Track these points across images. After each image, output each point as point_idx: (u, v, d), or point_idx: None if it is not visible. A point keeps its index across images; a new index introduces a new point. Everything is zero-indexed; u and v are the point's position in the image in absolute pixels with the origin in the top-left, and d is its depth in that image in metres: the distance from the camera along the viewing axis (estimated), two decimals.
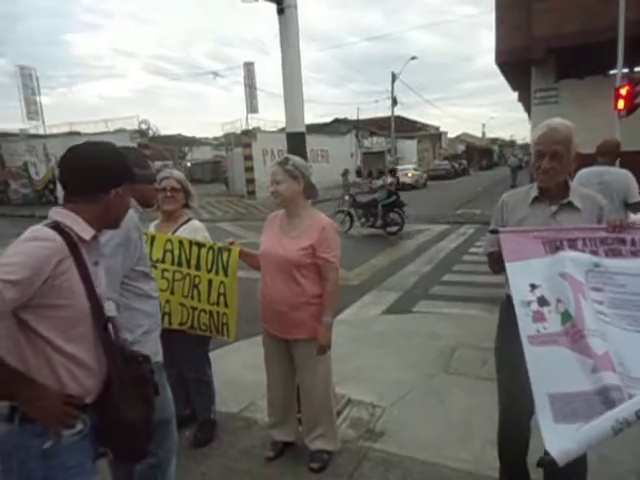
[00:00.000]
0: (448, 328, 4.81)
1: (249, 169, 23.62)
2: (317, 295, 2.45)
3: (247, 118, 26.19)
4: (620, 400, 1.43)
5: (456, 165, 42.95)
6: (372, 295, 6.48)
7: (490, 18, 14.85)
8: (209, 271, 2.74)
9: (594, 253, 1.79)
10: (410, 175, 29.23)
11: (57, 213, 1.42)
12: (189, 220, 2.90)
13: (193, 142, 43.46)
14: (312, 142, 29.56)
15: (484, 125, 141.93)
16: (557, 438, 1.46)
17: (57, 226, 1.37)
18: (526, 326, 1.72)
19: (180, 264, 2.73)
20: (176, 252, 2.73)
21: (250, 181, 23.57)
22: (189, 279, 2.76)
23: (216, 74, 26.39)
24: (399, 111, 43.51)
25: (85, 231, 1.40)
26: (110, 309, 1.63)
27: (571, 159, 1.99)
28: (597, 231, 1.85)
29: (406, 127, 46.79)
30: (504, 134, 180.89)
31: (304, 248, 2.40)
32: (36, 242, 1.29)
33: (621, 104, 10.95)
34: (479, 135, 77.60)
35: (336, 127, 37.30)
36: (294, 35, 2.79)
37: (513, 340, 1.76)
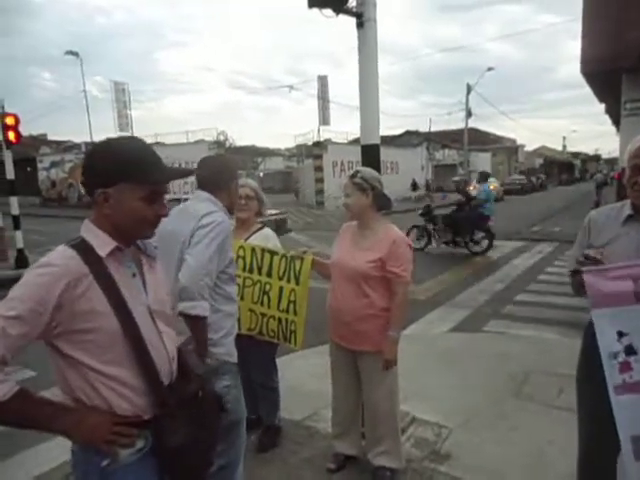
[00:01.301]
0: (520, 351, 4.57)
1: (319, 180, 23.97)
2: (385, 308, 2.43)
3: (319, 130, 26.68)
4: None
5: (533, 179, 41.01)
6: (440, 311, 6.31)
7: (571, 27, 14.11)
8: (281, 278, 2.80)
9: None
10: (492, 187, 28.58)
11: (84, 226, 1.31)
12: (262, 228, 2.99)
13: (266, 153, 44.99)
14: (382, 154, 29.40)
15: (564, 138, 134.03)
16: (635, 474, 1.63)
17: (81, 242, 1.27)
18: (612, 376, 1.74)
19: (251, 271, 2.82)
20: (248, 259, 2.82)
21: (320, 192, 23.90)
22: (259, 286, 2.84)
23: (291, 87, 27.23)
24: (472, 123, 42.20)
25: (102, 246, 1.27)
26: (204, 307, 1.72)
27: None
28: None
29: (480, 139, 45.32)
30: (587, 148, 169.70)
31: (373, 260, 2.39)
32: (39, 269, 1.21)
33: None
34: (559, 148, 73.45)
35: (407, 139, 36.93)
36: (372, 48, 2.81)
37: (597, 370, 1.65)
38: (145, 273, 1.38)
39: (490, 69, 30.20)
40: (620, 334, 1.72)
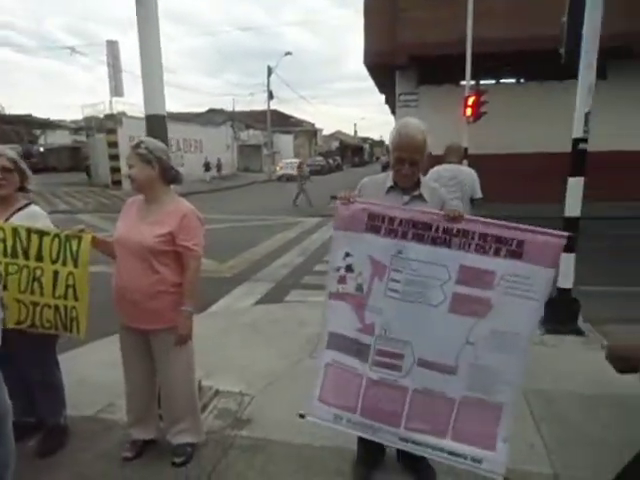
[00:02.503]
0: (317, 316, 4.95)
1: (114, 157, 21.86)
2: (177, 284, 2.36)
3: (111, 101, 24.12)
4: (365, 352, 2.16)
5: (331, 161, 44.71)
6: (245, 287, 6.46)
7: (361, 21, 15.59)
8: (54, 262, 2.47)
9: (404, 235, 2.09)
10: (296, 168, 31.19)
11: None
12: (27, 205, 2.58)
13: (47, 125, 38.74)
14: (185, 131, 28.36)
15: (356, 125, 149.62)
16: (323, 357, 2.27)
17: None
18: (331, 285, 2.24)
19: (15, 255, 2.42)
20: (9, 242, 2.41)
21: (115, 170, 21.84)
22: (27, 272, 2.46)
23: (73, 49, 23.69)
24: (275, 105, 43.67)
25: None
26: None
27: (425, 160, 2.19)
28: (414, 213, 2.11)
29: (282, 122, 47.27)
30: (374, 134, 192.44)
31: (162, 235, 2.29)
32: None
33: (469, 112, 12.35)
34: (352, 134, 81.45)
35: (211, 117, 36.32)
36: (153, 9, 2.62)
37: None
38: None
39: (288, 53, 31.54)
40: (347, 254, 2.19)
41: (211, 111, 39.16)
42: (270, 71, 31.22)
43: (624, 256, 7.64)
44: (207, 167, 26.71)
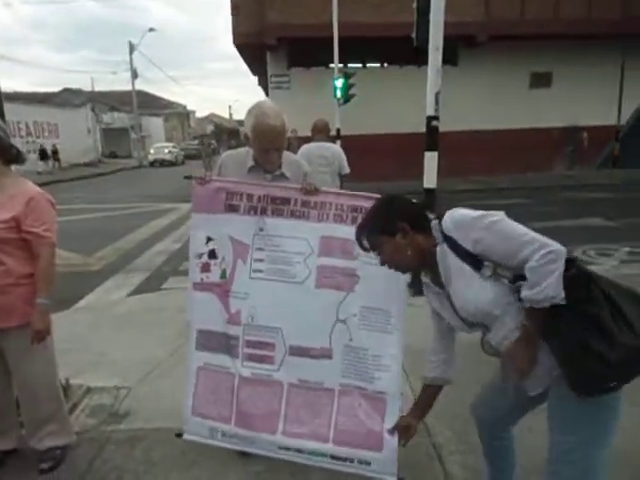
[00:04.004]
0: None
1: None
2: (28, 275, 2.13)
3: None
4: (235, 345, 2.06)
5: (206, 144, 43.30)
6: (117, 278, 6.04)
7: None
8: None
9: (264, 210, 2.07)
10: (167, 152, 30.81)
11: None
12: None
13: None
14: (36, 113, 25.23)
15: (230, 107, 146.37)
16: (192, 360, 2.15)
17: None
18: (194, 275, 2.10)
19: None
20: None
21: None
22: None
23: None
24: (141, 86, 40.90)
25: None
26: None
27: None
28: (271, 189, 2.09)
29: (150, 103, 44.38)
30: None
31: (5, 221, 2.04)
32: None
33: (339, 94, 12.81)
34: (227, 116, 79.52)
35: (67, 98, 32.74)
36: None
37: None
38: None
39: (152, 30, 29.64)
40: (208, 239, 2.07)
41: (67, 91, 35.22)
42: (132, 48, 29.01)
43: None
44: (43, 155, 23.15)
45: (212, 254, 2.05)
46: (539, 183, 14.30)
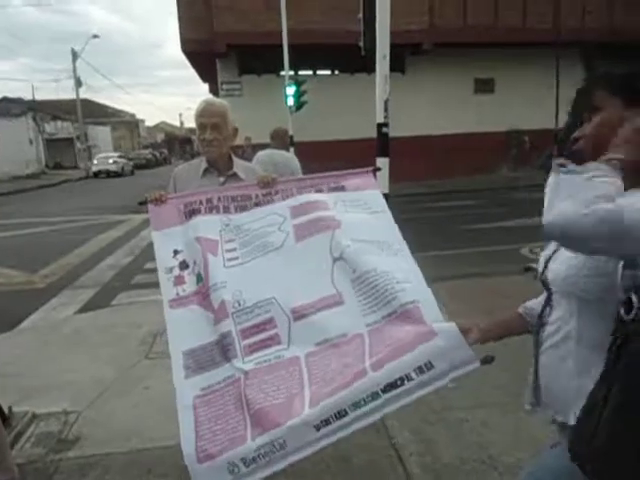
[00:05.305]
0: (151, 315, 4.71)
1: None
2: None
3: None
4: (230, 344, 1.66)
5: (157, 154, 42.43)
6: (63, 296, 5.76)
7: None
8: None
9: (226, 209, 2.02)
10: (112, 162, 29.38)
11: None
12: None
13: None
14: None
15: (181, 115, 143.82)
16: (185, 393, 1.63)
17: None
18: (167, 291, 1.85)
19: None
20: None
21: None
22: None
23: None
24: (86, 94, 39.56)
25: None
26: None
27: (230, 133, 2.25)
28: (229, 190, 2.08)
29: (96, 112, 42.90)
30: None
31: None
32: None
33: (290, 101, 12.84)
34: (178, 125, 78.01)
35: (6, 107, 31.08)
36: None
37: None
38: None
39: (95, 36, 28.77)
40: (175, 252, 1.94)
41: (5, 100, 33.46)
42: (75, 55, 27.98)
43: (432, 226, 8.85)
44: None
45: (183, 265, 1.91)
46: (487, 185, 14.85)
